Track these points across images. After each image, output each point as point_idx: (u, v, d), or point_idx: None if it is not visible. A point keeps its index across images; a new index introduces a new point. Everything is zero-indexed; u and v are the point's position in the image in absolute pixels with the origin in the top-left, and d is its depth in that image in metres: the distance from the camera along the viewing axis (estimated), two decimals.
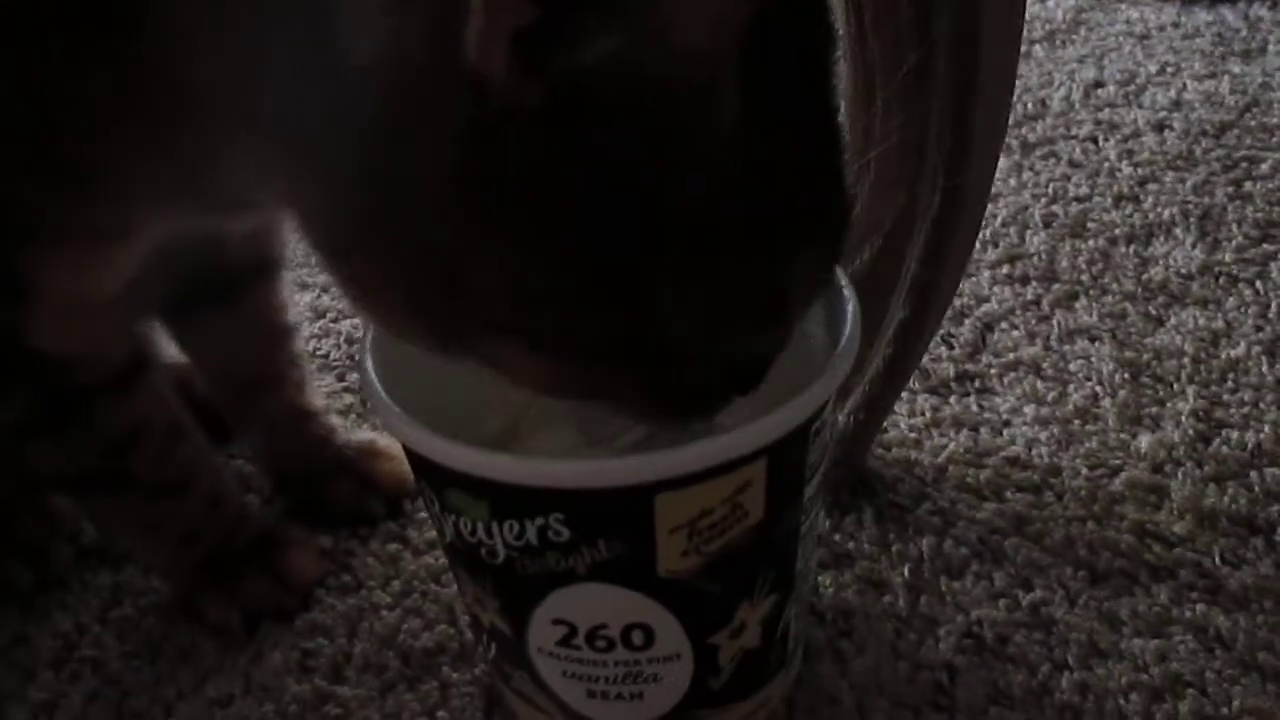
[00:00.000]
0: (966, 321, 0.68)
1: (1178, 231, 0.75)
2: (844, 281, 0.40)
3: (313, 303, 0.76)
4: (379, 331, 0.40)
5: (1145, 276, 0.71)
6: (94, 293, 0.45)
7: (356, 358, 0.67)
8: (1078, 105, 0.92)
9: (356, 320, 0.75)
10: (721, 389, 0.36)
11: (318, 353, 0.71)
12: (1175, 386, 0.61)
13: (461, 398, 0.40)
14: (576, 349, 0.33)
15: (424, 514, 0.59)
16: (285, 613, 0.53)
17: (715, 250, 0.31)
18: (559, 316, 0.32)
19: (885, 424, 0.58)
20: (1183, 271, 0.71)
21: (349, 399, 0.68)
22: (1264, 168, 0.81)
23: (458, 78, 0.28)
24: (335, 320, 0.75)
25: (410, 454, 0.38)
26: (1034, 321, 0.68)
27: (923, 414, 0.61)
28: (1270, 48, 0.99)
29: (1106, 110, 0.91)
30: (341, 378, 0.70)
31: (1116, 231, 0.75)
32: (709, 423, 0.37)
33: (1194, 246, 0.73)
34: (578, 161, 0.29)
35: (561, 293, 0.31)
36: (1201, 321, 0.66)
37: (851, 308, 0.39)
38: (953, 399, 0.62)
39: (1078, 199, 0.80)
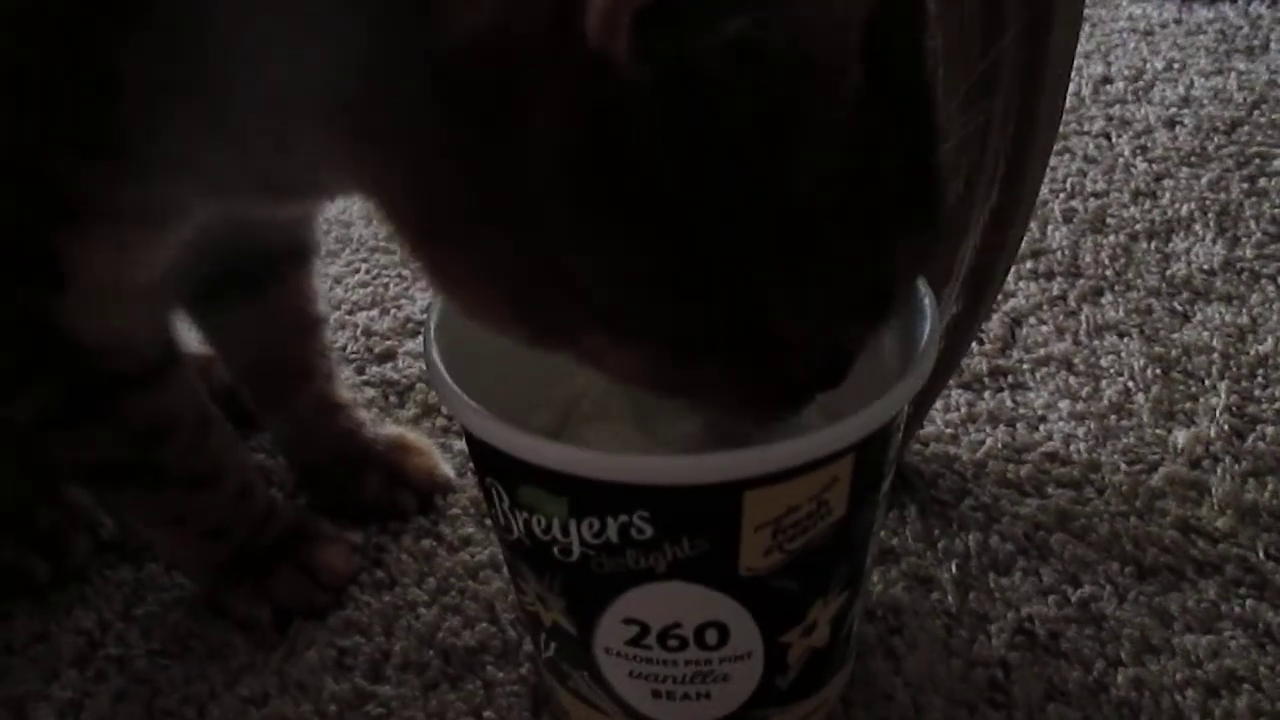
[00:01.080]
0: (995, 316, 0.67)
1: (1197, 228, 0.75)
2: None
3: (327, 294, 0.74)
4: (445, 319, 0.39)
5: (1169, 272, 0.71)
6: (132, 279, 0.43)
7: (388, 349, 0.65)
8: (1088, 101, 0.92)
9: (374, 313, 0.74)
10: (811, 384, 0.35)
11: (335, 345, 0.70)
12: (1206, 382, 0.62)
13: (509, 391, 0.39)
14: (679, 339, 0.32)
15: (455, 509, 0.57)
16: (317, 610, 0.52)
17: (826, 238, 0.30)
18: (663, 306, 0.31)
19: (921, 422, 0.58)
20: (1205, 268, 0.71)
21: (370, 393, 0.67)
22: (1277, 164, 0.81)
23: (572, 58, 0.27)
24: (351, 313, 0.74)
25: (480, 449, 0.37)
26: (1061, 317, 0.68)
27: (958, 409, 0.61)
28: (1273, 45, 1.00)
29: (1117, 106, 0.91)
30: (361, 370, 0.69)
31: (1137, 227, 0.76)
32: (794, 420, 0.36)
33: (1214, 243, 0.73)
34: (694, 145, 0.28)
35: (668, 281, 0.30)
36: (1228, 318, 0.66)
37: (929, 302, 0.38)
38: (987, 394, 0.62)
39: (1095, 194, 0.80)
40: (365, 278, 0.77)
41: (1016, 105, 0.44)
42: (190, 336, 0.57)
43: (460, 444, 0.62)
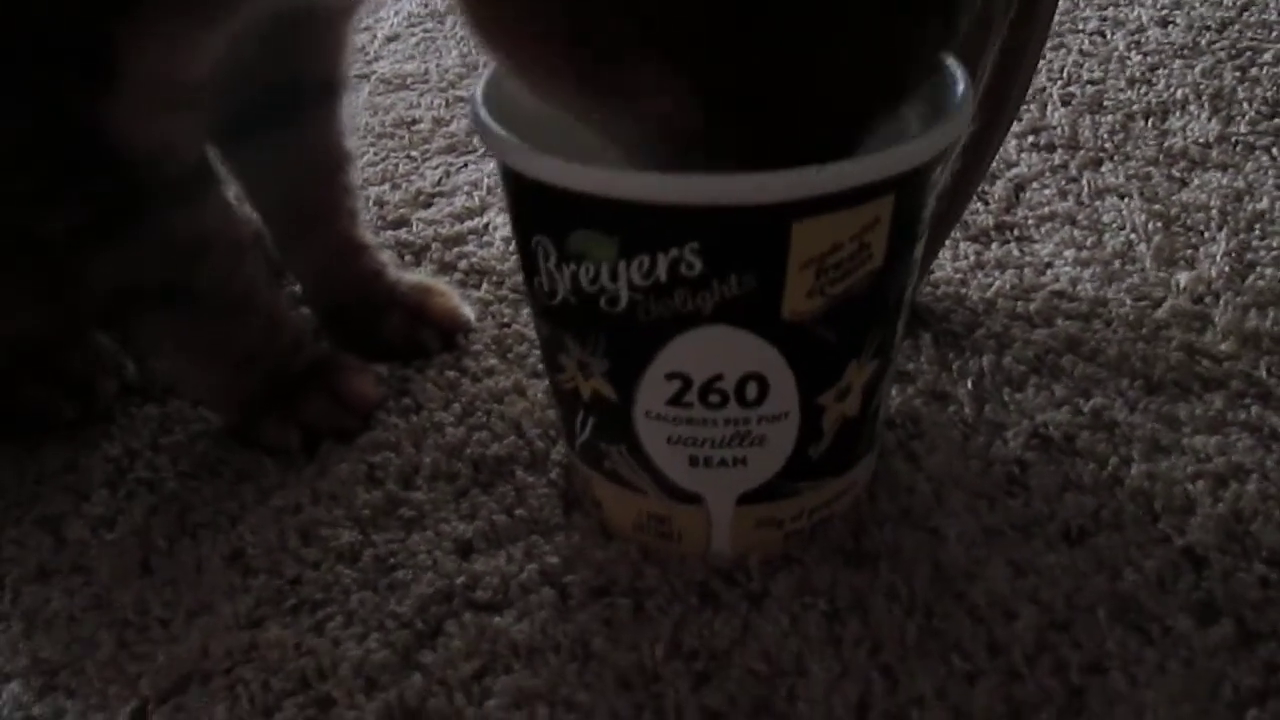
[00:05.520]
0: (999, 182, 0.69)
1: (1192, 108, 0.77)
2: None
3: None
4: (498, 78, 0.40)
5: (1166, 145, 0.73)
6: (181, 78, 0.44)
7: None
8: (1081, 2, 0.94)
9: (384, 187, 0.75)
10: (818, 152, 0.36)
11: None
12: (1206, 234, 0.63)
13: None
14: (715, 79, 0.33)
15: (478, 346, 0.58)
16: (346, 433, 0.53)
17: (864, 5, 0.31)
18: (718, 34, 0.32)
19: (930, 266, 0.59)
20: (1200, 141, 0.73)
21: (387, 256, 0.67)
22: (1267, 57, 0.83)
23: None
24: (362, 187, 0.74)
25: (530, 196, 0.38)
26: (1064, 182, 0.69)
27: (966, 258, 0.62)
28: None
29: (1110, 8, 0.93)
30: (375, 234, 0.69)
31: (1134, 108, 0.77)
32: None
33: (1209, 120, 0.75)
34: None
35: (714, 17, 0.31)
36: (1224, 182, 0.68)
37: (961, 71, 0.40)
38: (994, 245, 0.63)
39: (1092, 81, 0.81)
40: (375, 158, 0.78)
41: None
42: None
43: (479, 292, 0.63)
